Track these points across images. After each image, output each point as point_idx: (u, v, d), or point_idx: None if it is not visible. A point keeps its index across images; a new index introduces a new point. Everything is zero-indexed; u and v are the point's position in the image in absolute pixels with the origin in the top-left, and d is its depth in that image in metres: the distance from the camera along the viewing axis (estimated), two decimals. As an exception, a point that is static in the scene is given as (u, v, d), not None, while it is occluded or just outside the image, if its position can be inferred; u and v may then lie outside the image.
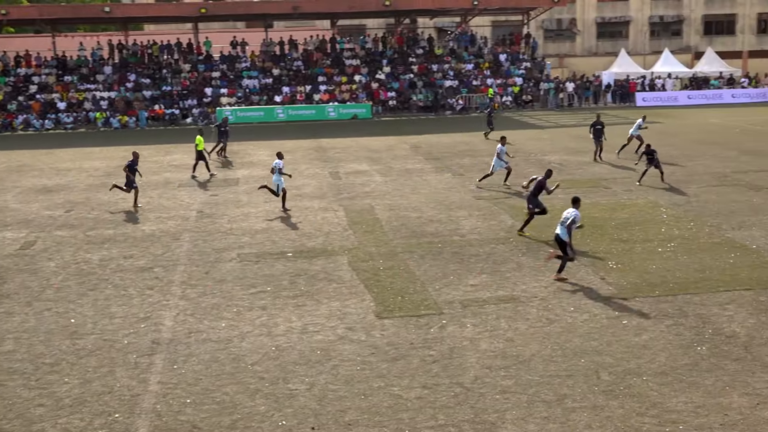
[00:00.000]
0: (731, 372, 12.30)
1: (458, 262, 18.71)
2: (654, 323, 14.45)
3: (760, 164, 31.22)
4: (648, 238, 20.46)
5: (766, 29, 74.43)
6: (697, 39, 73.54)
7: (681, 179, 28.35)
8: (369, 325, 14.69)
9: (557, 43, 73.79)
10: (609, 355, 13.06)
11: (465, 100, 58.30)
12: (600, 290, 16.39)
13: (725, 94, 62.02)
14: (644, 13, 73.47)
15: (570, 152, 36.09)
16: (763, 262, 18.07)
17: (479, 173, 30.90)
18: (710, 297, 15.79)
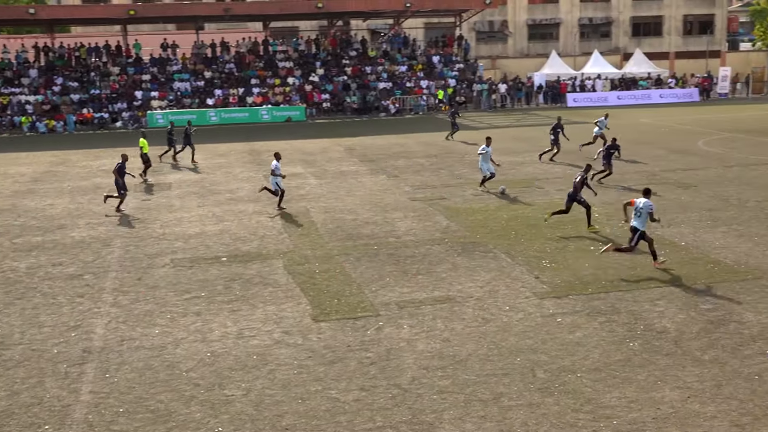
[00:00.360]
0: (663, 366, 12.57)
1: (394, 263, 18.76)
2: (587, 320, 14.69)
3: (687, 163, 31.99)
4: (580, 236, 20.79)
5: (691, 31, 76.37)
6: (626, 40, 75.07)
7: (612, 178, 28.86)
8: (305, 329, 14.64)
9: (489, 45, 74.59)
10: (544, 353, 13.23)
11: (399, 102, 58.51)
12: (534, 289, 16.60)
13: (653, 95, 63.43)
14: (574, 15, 74.72)
15: (504, 153, 36.47)
16: (692, 258, 18.51)
17: (414, 174, 31.07)
18: (641, 294, 16.11)
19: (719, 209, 23.42)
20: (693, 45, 75.34)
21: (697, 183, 27.59)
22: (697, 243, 19.82)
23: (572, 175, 29.49)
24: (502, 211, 24.14)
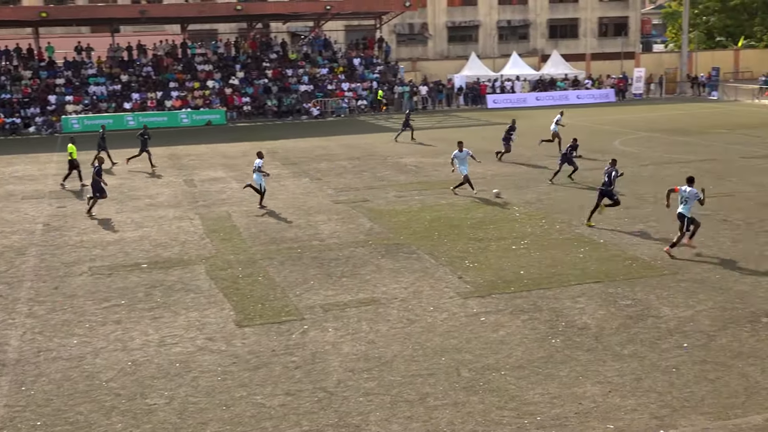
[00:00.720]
0: (584, 362, 12.83)
1: (318, 266, 18.72)
2: (510, 319, 14.90)
3: (605, 162, 32.66)
4: (502, 236, 21.09)
5: (606, 33, 78.14)
6: (543, 42, 76.42)
7: (533, 178, 29.36)
8: (229, 335, 14.49)
9: (410, 47, 75.06)
10: (468, 352, 13.37)
11: (320, 104, 58.41)
12: (458, 289, 16.76)
13: (571, 95, 64.68)
14: (492, 17, 75.72)
15: (425, 154, 36.76)
16: (610, 255, 18.94)
17: (337, 177, 31.06)
18: (563, 291, 16.42)
19: (636, 207, 24.02)
20: (608, 47, 77.11)
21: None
22: (616, 240, 20.29)
23: (495, 176, 29.88)
24: (425, 212, 24.31)
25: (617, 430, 10.65)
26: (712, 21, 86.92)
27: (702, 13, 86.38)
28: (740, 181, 27.43)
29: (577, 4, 76.98)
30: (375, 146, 40.23)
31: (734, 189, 26.15)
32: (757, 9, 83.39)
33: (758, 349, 13.09)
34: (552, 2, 76.37)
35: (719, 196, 24.99)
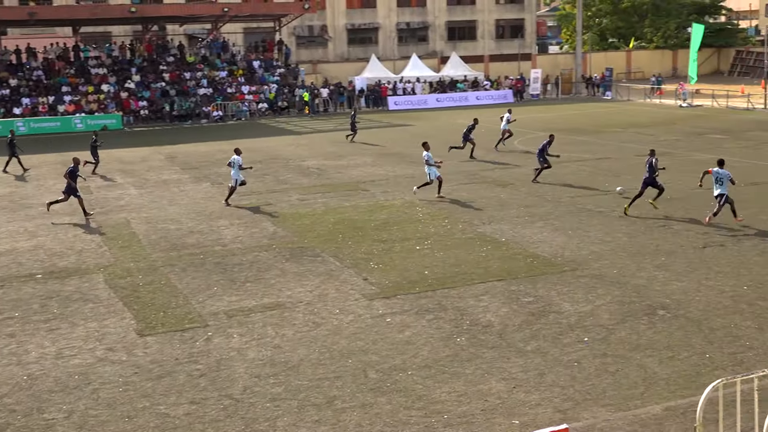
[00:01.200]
0: (489, 359, 13.03)
1: (222, 272, 18.49)
2: (416, 319, 15.02)
3: (506, 160, 33.31)
4: (406, 237, 21.25)
5: (504, 35, 79.57)
6: (442, 44, 77.30)
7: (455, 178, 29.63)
8: (130, 344, 14.17)
9: (310, 50, 74.88)
10: (375, 354, 13.42)
11: (221, 108, 57.69)
12: (363, 291, 16.81)
13: (470, 96, 65.61)
14: (392, 20, 76.20)
15: (328, 157, 36.74)
16: (512, 253, 19.30)
17: (238, 181, 30.74)
18: (466, 290, 16.65)
19: (536, 205, 24.54)
20: (506, 48, 78.52)
21: (514, 181, 28.80)
22: (517, 238, 20.69)
23: (397, 177, 30.07)
24: (328, 215, 24.29)
25: (522, 425, 10.85)
26: (605, 23, 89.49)
27: (595, 15, 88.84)
28: (635, 179, 28.27)
29: (474, 6, 78.17)
30: (277, 149, 39.98)
31: (629, 185, 26.94)
32: (646, 11, 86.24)
33: (655, 341, 13.55)
34: (450, 4, 77.34)
35: (615, 193, 25.72)
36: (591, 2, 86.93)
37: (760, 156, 32.40)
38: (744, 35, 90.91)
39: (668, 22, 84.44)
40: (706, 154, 33.05)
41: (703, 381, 11.50)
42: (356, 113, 45.48)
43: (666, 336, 13.76)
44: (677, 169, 29.72)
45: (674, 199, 24.58)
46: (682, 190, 25.90)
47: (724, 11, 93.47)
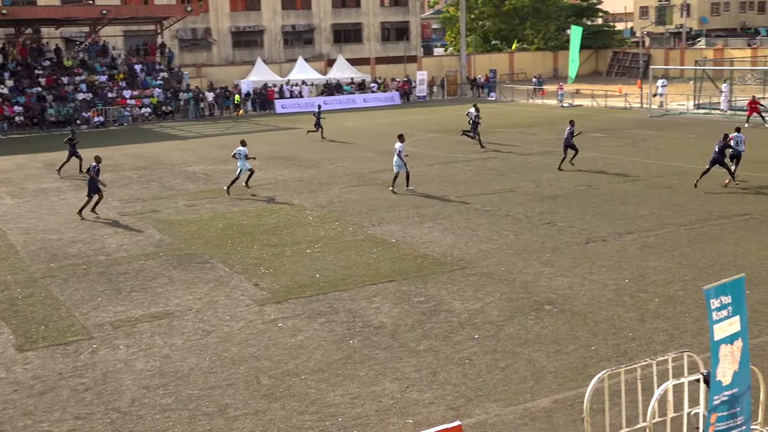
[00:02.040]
0: (382, 360, 13.10)
1: (106, 282, 17.99)
2: (308, 323, 14.97)
3: (392, 163, 33.50)
4: (296, 240, 21.16)
5: (389, 37, 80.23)
6: (329, 47, 77.36)
7: (324, 181, 29.65)
8: (9, 361, 13.62)
9: (194, 53, 73.70)
10: (267, 359, 13.30)
11: (102, 113, 56.13)
12: (254, 296, 16.65)
13: (358, 99, 65.87)
14: (277, 22, 75.78)
15: (215, 162, 36.23)
16: (402, 254, 19.46)
17: (122, 188, 30.01)
18: (358, 292, 16.69)
19: (424, 206, 24.82)
20: (391, 51, 79.19)
21: (403, 182, 29.00)
22: (407, 239, 20.87)
23: (286, 180, 29.90)
24: (216, 220, 23.96)
25: (416, 424, 10.94)
26: (488, 25, 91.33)
27: (478, 18, 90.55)
28: (519, 178, 29.00)
29: (359, 9, 78.55)
30: (162, 155, 39.18)
31: (514, 185, 27.60)
32: (527, 14, 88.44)
33: (543, 336, 13.89)
34: (335, 7, 77.50)
35: (501, 192, 26.29)
36: (474, 5, 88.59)
37: (638, 153, 33.65)
38: (620, 37, 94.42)
39: (548, 25, 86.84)
40: (586, 153, 34.07)
41: (590, 372, 11.86)
42: (320, 110, 45.74)
43: (553, 330, 14.13)
44: (558, 168, 30.58)
45: (558, 197, 25.27)
46: (565, 188, 26.66)
47: (601, 14, 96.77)
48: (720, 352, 7.83)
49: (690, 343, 13.09)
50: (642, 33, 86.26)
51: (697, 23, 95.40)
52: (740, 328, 7.95)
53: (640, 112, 50.42)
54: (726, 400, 8.02)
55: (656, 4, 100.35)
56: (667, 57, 79.28)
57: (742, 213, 22.19)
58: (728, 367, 7.94)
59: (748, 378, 8.25)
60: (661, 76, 57.31)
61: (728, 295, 7.81)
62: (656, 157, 32.31)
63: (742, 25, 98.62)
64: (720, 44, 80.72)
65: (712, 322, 7.75)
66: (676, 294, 15.79)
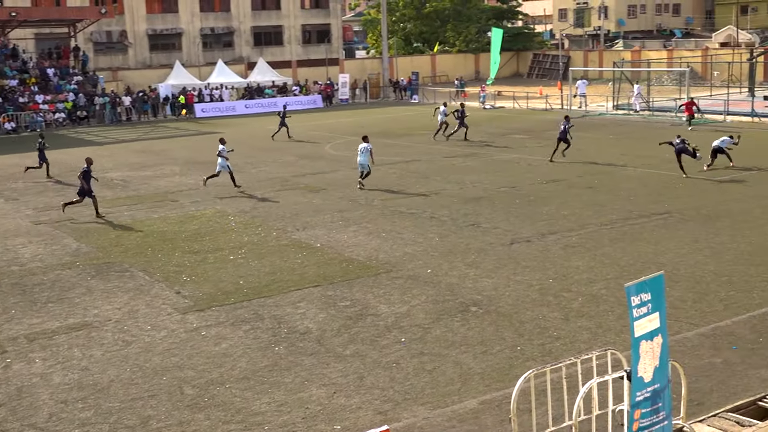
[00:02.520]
0: (308, 366, 13.05)
1: (20, 293, 17.51)
2: (232, 330, 14.82)
3: (316, 167, 33.51)
4: (219, 247, 20.93)
5: (310, 40, 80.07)
6: (249, 50, 76.78)
7: (247, 186, 29.41)
8: None
9: (109, 56, 72.33)
10: (191, 369, 13.12)
11: (13, 118, 54.61)
12: (176, 304, 16.41)
13: (280, 102, 65.45)
14: (195, 25, 74.90)
15: (133, 168, 35.63)
16: (327, 259, 19.43)
17: (36, 196, 29.30)
18: (283, 297, 16.60)
19: (349, 210, 24.83)
20: (313, 53, 79.01)
21: (327, 186, 29.02)
22: (332, 243, 20.84)
23: (205, 186, 29.57)
24: (136, 228, 23.55)
25: (344, 429, 10.93)
26: (409, 28, 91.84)
27: (399, 20, 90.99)
28: (443, 180, 29.24)
29: (280, 11, 78.17)
30: (78, 161, 38.24)
31: (439, 187, 27.81)
32: (448, 16, 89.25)
33: (469, 337, 14.02)
34: (255, 9, 76.96)
35: (426, 194, 26.46)
36: (395, 8, 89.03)
37: (559, 154, 34.20)
38: (540, 39, 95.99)
39: (469, 27, 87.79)
40: (509, 154, 34.57)
41: (516, 373, 12.00)
42: (285, 110, 46.13)
43: (479, 332, 14.27)
44: (482, 170, 30.95)
45: (482, 198, 25.56)
46: (489, 189, 26.98)
47: (521, 16, 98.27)
48: (641, 349, 8.02)
49: (613, 340, 13.36)
50: (561, 35, 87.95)
51: (615, 25, 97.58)
52: (660, 324, 8.16)
53: (560, 113, 51.32)
54: (648, 396, 8.22)
55: (574, 6, 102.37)
56: (586, 59, 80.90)
57: (661, 212, 22.78)
58: (649, 363, 8.13)
59: (668, 374, 8.47)
60: (581, 78, 58.42)
61: (648, 292, 8.00)
62: (577, 157, 32.94)
63: (658, 27, 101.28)
64: (637, 46, 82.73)
65: (633, 319, 7.93)
66: (598, 293, 16.12)
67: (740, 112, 41.48)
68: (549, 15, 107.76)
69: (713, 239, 19.71)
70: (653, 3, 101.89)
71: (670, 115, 46.48)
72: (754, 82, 53.64)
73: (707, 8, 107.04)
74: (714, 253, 18.57)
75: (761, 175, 27.73)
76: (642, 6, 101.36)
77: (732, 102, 45.58)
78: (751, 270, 17.17)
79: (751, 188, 25.55)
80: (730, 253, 18.53)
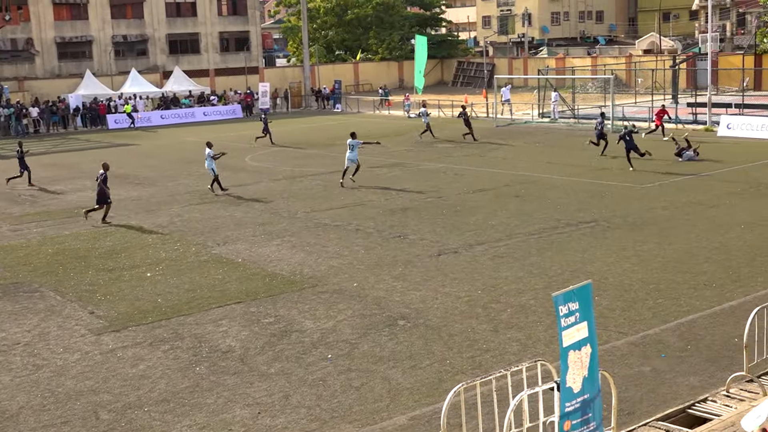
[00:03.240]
0: (231, 386, 12.91)
1: None
2: (150, 351, 14.58)
3: (238, 179, 33.22)
4: (135, 264, 20.59)
5: (228, 47, 79.53)
6: (164, 58, 75.87)
7: (163, 200, 29.02)
8: None
9: (15, 65, 70.62)
10: (107, 392, 12.86)
11: None
12: (90, 325, 16.08)
13: (197, 112, 64.90)
14: (106, 32, 73.70)
15: (41, 182, 34.81)
16: (249, 274, 19.27)
17: (-63, 214, 28.39)
18: (204, 315, 16.40)
19: (272, 223, 24.69)
20: (231, 62, 78.43)
21: (249, 198, 28.80)
22: (254, 258, 20.69)
23: (123, 200, 29.06)
24: (46, 245, 23.02)
25: (270, 451, 10.84)
26: (331, 35, 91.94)
27: (320, 28, 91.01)
28: (368, 191, 29.30)
29: (196, 18, 77.43)
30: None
31: (364, 198, 27.87)
32: (370, 24, 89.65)
33: (397, 352, 14.06)
34: (170, 16, 76.09)
35: (350, 206, 26.49)
36: (316, 14, 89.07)
37: (486, 163, 34.65)
38: (464, 47, 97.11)
39: (392, 34, 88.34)
40: (435, 163, 34.85)
41: (446, 387, 12.07)
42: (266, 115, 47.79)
43: (407, 346, 14.32)
44: (408, 180, 31.13)
45: (408, 209, 25.69)
46: (415, 200, 27.13)
47: (445, 23, 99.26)
48: (569, 359, 8.15)
49: (543, 351, 13.56)
50: (485, 43, 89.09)
51: (539, 33, 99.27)
52: (588, 334, 8.30)
53: (486, 121, 51.97)
54: (578, 407, 8.34)
55: (498, 14, 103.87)
56: (511, 66, 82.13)
57: (588, 220, 23.23)
58: (578, 374, 8.26)
59: (598, 383, 8.62)
60: (505, 84, 59.21)
61: (576, 301, 8.14)
62: (504, 166, 33.39)
63: (581, 34, 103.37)
64: (561, 53, 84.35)
65: (561, 329, 8.05)
66: (527, 303, 16.34)
67: (664, 119, 42.50)
68: (473, 22, 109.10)
69: (640, 247, 20.18)
70: (576, 10, 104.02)
71: (596, 122, 47.37)
72: (677, 89, 55.15)
73: (630, 15, 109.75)
74: (641, 260, 19.01)
75: (686, 181, 28.51)
76: (565, 13, 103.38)
77: (656, 109, 46.74)
78: (678, 277, 17.63)
79: (677, 195, 26.25)
80: (657, 260, 18.99)
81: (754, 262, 18.55)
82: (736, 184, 27.68)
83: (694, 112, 46.42)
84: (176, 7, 76.92)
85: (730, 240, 20.46)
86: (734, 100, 49.67)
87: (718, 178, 28.87)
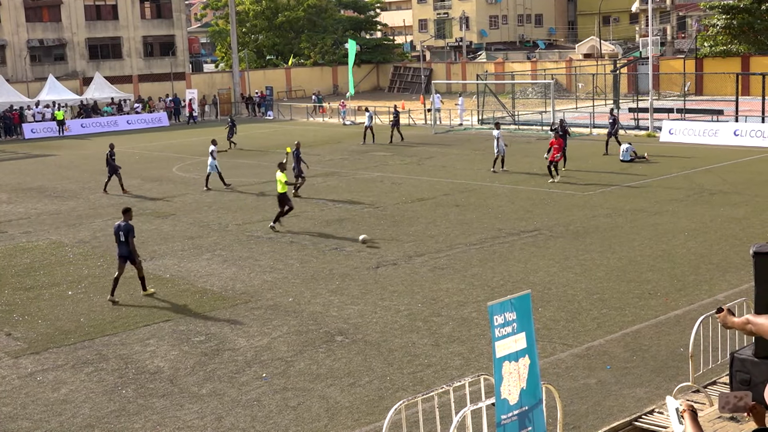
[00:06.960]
0: (160, 409, 12.77)
1: None
2: (73, 374, 14.35)
3: (164, 191, 32.91)
4: (55, 281, 20.26)
5: (152, 52, 78.79)
6: (84, 64, 74.83)
7: (85, 214, 28.59)
8: None
9: None
10: (26, 419, 12.62)
11: None
12: (7, 348, 15.77)
13: (120, 121, 64.10)
14: (21, 36, 72.43)
15: (-47, 196, 34.02)
16: (179, 290, 19.09)
17: None
18: (130, 335, 16.20)
19: (201, 236, 24.50)
20: (156, 67, 77.73)
21: (176, 211, 28.55)
22: (183, 273, 20.51)
23: (40, 214, 28.54)
24: (-42, 263, 22.49)
25: (202, 476, 10.74)
26: (261, 39, 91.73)
27: (250, 32, 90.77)
28: (303, 201, 29.23)
29: (117, 22, 76.55)
30: None
31: (298, 209, 27.77)
32: (302, 27, 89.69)
33: (335, 369, 14.05)
34: (90, 19, 75.09)
35: (284, 218, 26.37)
36: (245, 18, 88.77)
37: (424, 171, 34.86)
38: (401, 51, 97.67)
39: (325, 38, 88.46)
40: (372, 172, 34.95)
41: (386, 404, 12.12)
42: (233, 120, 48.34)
43: (346, 363, 14.33)
44: (344, 189, 31.16)
45: (344, 220, 25.72)
46: (351, 210, 27.17)
47: (380, 27, 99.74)
48: (503, 370, 8.22)
49: (486, 365, 13.66)
50: (422, 47, 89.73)
51: (477, 37, 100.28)
52: (527, 345, 8.40)
53: (424, 128, 52.31)
54: (515, 420, 8.42)
55: (435, 17, 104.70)
56: (449, 71, 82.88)
57: (530, 229, 23.52)
58: (513, 385, 8.35)
59: (538, 395, 8.71)
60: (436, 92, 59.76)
61: (513, 311, 8.23)
62: (443, 174, 33.64)
63: (520, 38, 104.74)
64: (500, 57, 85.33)
65: (495, 339, 8.13)
66: (469, 316, 16.47)
67: (606, 124, 43.25)
68: (409, 26, 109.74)
69: (583, 256, 20.49)
70: (515, 14, 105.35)
71: (536, 129, 48.13)
72: (618, 94, 56.21)
73: (570, 18, 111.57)
74: (585, 270, 19.31)
75: (629, 188, 29.05)
76: (504, 17, 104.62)
77: (598, 114, 47.58)
78: (623, 287, 17.95)
79: (620, 202, 26.73)
80: (600, 269, 19.31)
81: (699, 270, 18.98)
82: (679, 190, 28.30)
83: (636, 117, 47.32)
84: (96, 9, 75.99)
85: (674, 247, 20.90)
86: (676, 105, 50.80)
87: (661, 185, 29.48)
